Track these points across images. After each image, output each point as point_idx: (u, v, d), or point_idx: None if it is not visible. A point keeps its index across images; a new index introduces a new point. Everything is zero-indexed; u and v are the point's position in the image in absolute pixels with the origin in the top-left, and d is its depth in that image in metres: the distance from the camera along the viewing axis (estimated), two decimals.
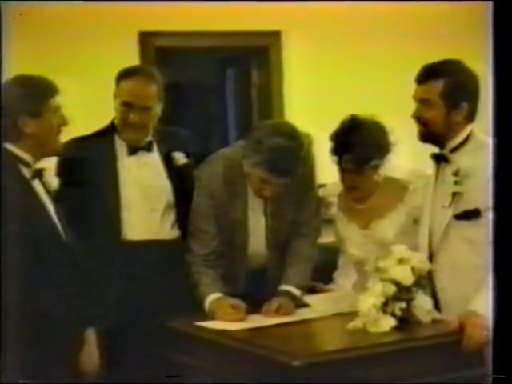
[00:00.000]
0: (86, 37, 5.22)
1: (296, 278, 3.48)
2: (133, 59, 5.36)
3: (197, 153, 3.64)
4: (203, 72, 7.14)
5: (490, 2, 2.74)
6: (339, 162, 3.39)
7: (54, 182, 3.21)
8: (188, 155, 3.62)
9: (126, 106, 3.46)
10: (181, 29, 5.48)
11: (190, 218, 3.49)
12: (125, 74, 3.49)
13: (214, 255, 3.47)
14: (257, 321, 3.26)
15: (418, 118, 3.23)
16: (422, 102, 3.21)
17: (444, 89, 3.17)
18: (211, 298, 3.36)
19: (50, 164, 3.21)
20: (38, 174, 3.06)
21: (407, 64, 5.38)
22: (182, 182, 3.56)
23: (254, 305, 3.36)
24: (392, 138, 3.42)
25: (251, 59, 6.13)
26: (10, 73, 3.00)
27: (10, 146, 3.03)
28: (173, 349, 3.28)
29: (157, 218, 3.53)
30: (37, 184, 3.06)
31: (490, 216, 2.91)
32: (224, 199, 3.44)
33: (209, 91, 7.46)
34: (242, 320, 3.26)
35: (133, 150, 3.52)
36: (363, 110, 3.46)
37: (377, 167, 3.41)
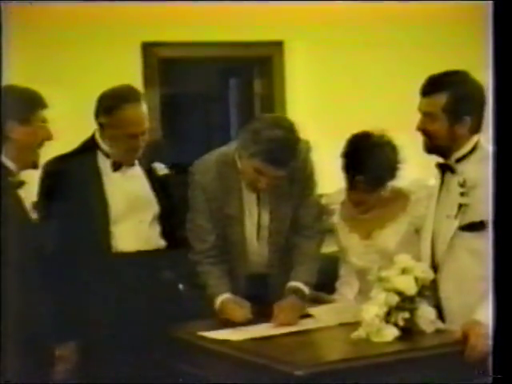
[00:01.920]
0: (89, 47, 5.21)
1: (304, 276, 3.49)
2: (136, 70, 5.38)
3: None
4: (206, 82, 7.13)
5: (490, 2, 2.72)
6: (351, 181, 3.39)
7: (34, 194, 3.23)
8: (168, 165, 3.62)
9: (132, 137, 3.44)
10: (184, 39, 5.47)
11: (187, 214, 3.52)
12: (118, 103, 3.41)
13: (215, 251, 3.49)
14: (259, 330, 3.25)
15: (423, 130, 3.23)
16: (426, 114, 3.21)
17: (447, 103, 3.16)
18: (219, 299, 3.39)
19: (32, 177, 3.24)
20: (21, 185, 3.09)
21: (411, 73, 5.42)
22: (164, 192, 3.57)
23: (256, 312, 3.37)
24: (402, 155, 3.41)
25: (254, 69, 6.10)
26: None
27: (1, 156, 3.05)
28: (175, 358, 3.28)
29: (145, 229, 3.54)
30: (22, 192, 3.09)
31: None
32: (217, 194, 3.46)
33: (211, 101, 7.45)
34: (246, 317, 3.31)
35: (117, 166, 3.50)
36: (367, 120, 3.47)
37: (387, 186, 3.42)
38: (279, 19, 5.50)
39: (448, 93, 3.16)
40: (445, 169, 3.25)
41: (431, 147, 3.24)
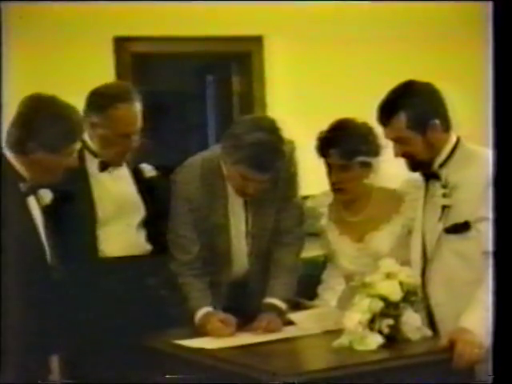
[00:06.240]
0: (59, 43, 5.18)
1: (281, 291, 3.43)
2: (108, 66, 5.37)
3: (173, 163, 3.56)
4: (182, 79, 7.13)
5: (490, 2, 2.76)
6: (326, 159, 3.38)
7: (47, 197, 3.15)
8: (156, 167, 3.57)
9: (124, 137, 3.38)
10: (158, 34, 5.45)
11: (169, 224, 3.46)
12: (111, 102, 3.34)
13: (198, 262, 3.42)
14: (238, 338, 3.21)
15: (401, 155, 3.22)
16: (395, 140, 3.20)
17: (408, 120, 3.14)
18: (201, 312, 3.33)
19: None
20: (33, 189, 3.02)
21: (394, 69, 5.40)
22: (151, 195, 3.52)
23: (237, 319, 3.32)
24: (381, 141, 3.39)
25: (232, 65, 6.11)
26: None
27: (11, 158, 2.98)
28: (151, 368, 3.22)
29: (132, 233, 3.49)
30: (31, 199, 3.01)
31: (480, 228, 3.03)
32: (202, 202, 3.39)
33: (188, 98, 7.46)
34: (231, 335, 3.23)
35: (104, 166, 3.45)
36: (348, 116, 3.43)
37: (365, 166, 3.38)
38: (258, 13, 5.50)
39: (403, 111, 3.14)
40: (429, 176, 3.25)
41: (415, 165, 3.23)
